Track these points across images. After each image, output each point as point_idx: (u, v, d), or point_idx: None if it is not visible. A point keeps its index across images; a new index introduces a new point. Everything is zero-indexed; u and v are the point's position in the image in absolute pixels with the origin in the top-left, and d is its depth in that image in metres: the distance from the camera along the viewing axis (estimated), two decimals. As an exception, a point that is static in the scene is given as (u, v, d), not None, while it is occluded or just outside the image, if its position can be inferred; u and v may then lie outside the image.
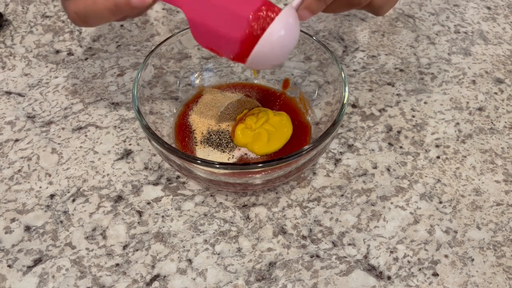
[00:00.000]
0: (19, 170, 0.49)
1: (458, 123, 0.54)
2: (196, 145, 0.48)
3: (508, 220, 0.46)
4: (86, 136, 0.52)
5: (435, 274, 0.43)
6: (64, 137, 0.52)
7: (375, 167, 0.50)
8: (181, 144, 0.48)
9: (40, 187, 0.48)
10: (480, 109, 0.55)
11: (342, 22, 0.65)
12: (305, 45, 0.50)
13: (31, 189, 0.48)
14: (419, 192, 0.48)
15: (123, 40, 0.62)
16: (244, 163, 0.46)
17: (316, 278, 0.42)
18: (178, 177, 0.49)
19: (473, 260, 0.44)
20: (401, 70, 0.59)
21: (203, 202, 0.47)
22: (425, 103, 0.56)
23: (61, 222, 0.46)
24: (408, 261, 0.43)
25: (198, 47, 0.53)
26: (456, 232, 0.45)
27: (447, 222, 0.46)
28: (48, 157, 0.50)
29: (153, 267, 0.43)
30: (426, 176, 0.49)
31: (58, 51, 0.61)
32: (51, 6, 0.67)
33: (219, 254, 0.44)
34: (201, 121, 0.50)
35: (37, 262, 0.43)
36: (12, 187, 0.48)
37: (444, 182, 0.49)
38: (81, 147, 0.51)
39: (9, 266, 0.43)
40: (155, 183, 0.48)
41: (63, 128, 0.53)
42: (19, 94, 0.56)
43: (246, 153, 0.48)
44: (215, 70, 0.54)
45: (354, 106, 0.55)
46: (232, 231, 0.45)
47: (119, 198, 0.47)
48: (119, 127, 0.53)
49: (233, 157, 0.47)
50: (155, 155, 0.50)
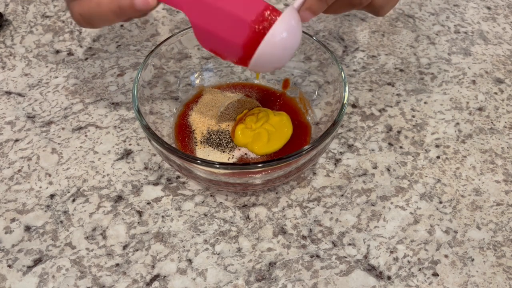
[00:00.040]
0: (19, 170, 0.49)
1: (458, 123, 0.54)
2: (196, 145, 0.48)
3: (508, 220, 0.46)
4: (86, 136, 0.52)
5: (435, 274, 0.43)
6: (64, 137, 0.52)
7: (375, 167, 0.50)
8: (181, 144, 0.48)
9: (40, 187, 0.48)
10: (480, 109, 0.55)
11: (342, 22, 0.65)
12: (305, 45, 0.50)
13: (31, 189, 0.48)
14: (419, 192, 0.48)
15: (123, 40, 0.62)
16: (244, 163, 0.46)
17: (316, 278, 0.42)
18: (178, 177, 0.49)
19: (473, 260, 0.44)
20: (401, 70, 0.59)
21: (203, 202, 0.47)
22: (425, 103, 0.56)
23: (61, 222, 0.46)
24: (408, 261, 0.43)
25: (198, 47, 0.53)
26: (456, 232, 0.45)
27: (447, 222, 0.46)
28: (48, 157, 0.50)
29: (153, 267, 0.43)
30: (426, 176, 0.49)
31: (58, 51, 0.61)
32: (51, 6, 0.67)
33: (219, 254, 0.44)
34: (201, 121, 0.50)
35: (37, 262, 0.43)
36: (12, 187, 0.48)
37: (444, 182, 0.49)
38: (81, 147, 0.51)
39: (9, 266, 0.43)
40: (155, 183, 0.48)
41: (63, 128, 0.53)
42: (19, 94, 0.56)
43: (246, 153, 0.48)
44: (215, 70, 0.54)
45: (354, 106, 0.55)
46: (232, 231, 0.45)
47: (119, 198, 0.47)
48: (119, 127, 0.53)
49: (233, 157, 0.47)
50: (155, 155, 0.50)
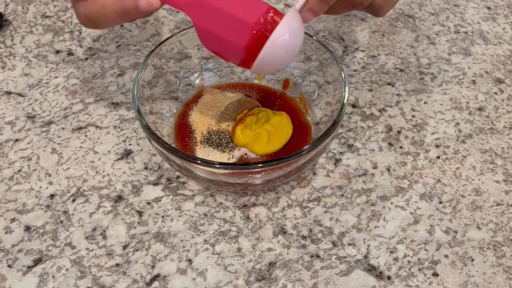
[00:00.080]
0: (19, 170, 0.49)
1: (458, 123, 0.54)
2: (196, 145, 0.48)
3: (508, 220, 0.46)
4: (86, 136, 0.52)
5: (435, 274, 0.43)
6: (64, 137, 0.52)
7: (375, 167, 0.50)
8: (181, 144, 0.48)
9: (40, 187, 0.48)
10: (480, 109, 0.55)
11: (342, 22, 0.65)
12: (305, 45, 0.50)
13: (31, 189, 0.48)
14: (419, 192, 0.48)
15: (123, 40, 0.62)
16: (244, 163, 0.46)
17: (316, 278, 0.42)
18: (178, 177, 0.49)
19: (473, 260, 0.44)
20: (401, 70, 0.59)
21: (203, 202, 0.47)
22: (425, 103, 0.56)
23: (61, 222, 0.46)
24: (408, 261, 0.43)
25: (198, 47, 0.53)
26: (456, 232, 0.45)
27: (447, 222, 0.46)
28: (48, 157, 0.50)
29: (153, 267, 0.43)
30: (426, 176, 0.49)
31: (58, 51, 0.61)
32: (51, 6, 0.67)
33: (219, 254, 0.44)
34: (201, 121, 0.50)
35: (37, 262, 0.43)
36: (12, 187, 0.48)
37: (444, 182, 0.49)
38: (81, 147, 0.51)
39: (9, 266, 0.43)
40: (155, 183, 0.48)
41: (63, 128, 0.53)
42: (19, 94, 0.56)
43: (246, 153, 0.48)
44: (215, 70, 0.54)
45: (354, 106, 0.55)
46: (232, 231, 0.45)
47: (119, 198, 0.47)
48: (119, 127, 0.53)
49: (233, 157, 0.47)
50: (155, 155, 0.50)
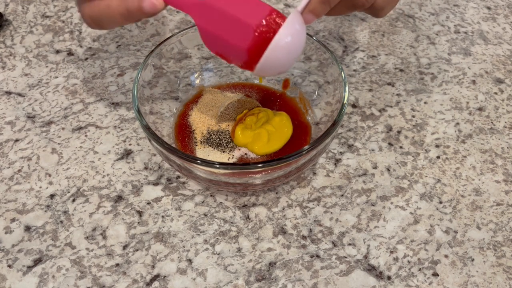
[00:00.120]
0: (19, 170, 0.49)
1: (458, 123, 0.54)
2: (196, 145, 0.48)
3: (508, 220, 0.46)
4: (86, 136, 0.52)
5: (435, 274, 0.43)
6: (64, 137, 0.52)
7: (375, 167, 0.50)
8: (181, 144, 0.48)
9: (40, 187, 0.48)
10: (480, 109, 0.55)
11: (342, 22, 0.65)
12: (305, 45, 0.50)
13: (31, 189, 0.48)
14: (419, 192, 0.48)
15: (123, 40, 0.62)
16: (244, 163, 0.46)
17: (316, 278, 0.42)
18: (178, 177, 0.49)
19: (473, 260, 0.44)
20: (401, 70, 0.59)
21: (203, 202, 0.47)
22: (425, 103, 0.56)
23: (61, 222, 0.46)
24: (408, 261, 0.43)
25: (198, 47, 0.53)
26: (456, 232, 0.45)
27: (447, 222, 0.46)
28: (48, 157, 0.50)
29: (153, 267, 0.43)
30: (426, 176, 0.49)
31: (58, 51, 0.61)
32: (51, 6, 0.67)
33: (219, 254, 0.44)
34: (201, 121, 0.50)
35: (37, 262, 0.43)
36: (12, 187, 0.48)
37: (444, 182, 0.49)
38: (81, 147, 0.51)
39: (9, 266, 0.43)
40: (155, 183, 0.48)
41: (63, 128, 0.53)
42: (19, 94, 0.56)
43: (246, 153, 0.48)
44: (215, 70, 0.54)
45: (354, 106, 0.55)
46: (232, 231, 0.45)
47: (119, 198, 0.47)
48: (119, 127, 0.53)
49: (233, 157, 0.47)
50: (155, 155, 0.50)
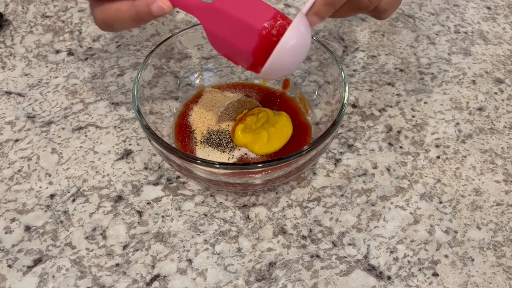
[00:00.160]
0: (19, 170, 0.49)
1: (458, 123, 0.54)
2: (196, 145, 0.48)
3: (508, 220, 0.46)
4: (86, 136, 0.52)
5: (435, 274, 0.43)
6: (64, 137, 0.52)
7: (375, 167, 0.50)
8: (181, 144, 0.48)
9: (40, 187, 0.48)
10: (480, 109, 0.55)
11: (342, 22, 0.65)
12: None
13: (31, 189, 0.48)
14: (419, 192, 0.48)
15: (123, 40, 0.62)
16: (244, 163, 0.46)
17: (316, 278, 0.42)
18: (178, 177, 0.49)
19: (473, 260, 0.44)
20: (401, 70, 0.59)
21: (203, 202, 0.47)
22: (425, 103, 0.56)
23: (61, 222, 0.46)
24: (408, 261, 0.43)
25: (198, 47, 0.53)
26: (456, 232, 0.45)
27: (447, 222, 0.46)
28: (48, 157, 0.50)
29: (153, 267, 0.43)
30: (426, 176, 0.49)
31: (58, 51, 0.61)
32: (51, 6, 0.67)
33: (219, 254, 0.44)
34: (201, 121, 0.50)
35: (37, 262, 0.43)
36: (12, 187, 0.48)
37: (444, 182, 0.49)
38: (81, 147, 0.51)
39: (9, 266, 0.43)
40: (155, 183, 0.48)
41: (63, 128, 0.53)
42: (19, 94, 0.56)
43: (246, 153, 0.48)
44: (215, 70, 0.54)
45: (354, 106, 0.55)
46: (232, 231, 0.45)
47: (119, 198, 0.47)
48: (119, 127, 0.53)
49: (233, 157, 0.47)
50: (155, 155, 0.50)
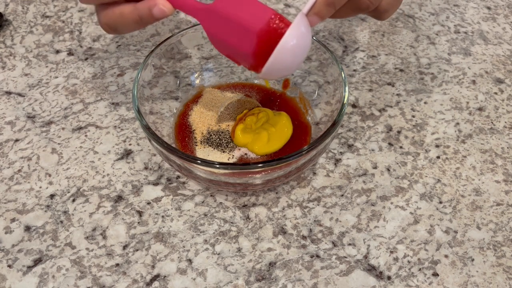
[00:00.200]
0: (19, 170, 0.49)
1: (458, 123, 0.54)
2: (196, 145, 0.48)
3: (508, 220, 0.46)
4: (86, 136, 0.52)
5: (435, 274, 0.43)
6: (64, 137, 0.52)
7: (375, 167, 0.50)
8: (181, 144, 0.48)
9: (40, 187, 0.48)
10: (480, 109, 0.55)
11: (342, 22, 0.65)
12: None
13: (31, 189, 0.48)
14: (419, 192, 0.48)
15: (123, 40, 0.62)
16: (244, 163, 0.46)
17: (316, 278, 0.42)
18: (178, 177, 0.49)
19: (473, 260, 0.44)
20: (401, 70, 0.59)
21: (203, 202, 0.47)
22: (425, 103, 0.56)
23: (61, 222, 0.46)
24: (408, 261, 0.43)
25: (198, 47, 0.53)
26: (456, 232, 0.45)
27: (447, 222, 0.46)
28: (48, 157, 0.50)
29: (153, 267, 0.43)
30: (426, 176, 0.49)
31: (58, 51, 0.61)
32: (51, 6, 0.67)
33: (219, 254, 0.44)
34: (201, 121, 0.50)
35: (37, 262, 0.43)
36: (12, 187, 0.48)
37: (444, 182, 0.49)
38: (81, 147, 0.51)
39: (9, 266, 0.43)
40: (155, 183, 0.48)
41: (63, 128, 0.53)
42: (19, 94, 0.56)
43: (246, 153, 0.48)
44: (215, 70, 0.54)
45: (354, 106, 0.55)
46: (232, 231, 0.45)
47: (119, 198, 0.47)
48: (119, 127, 0.53)
49: (233, 157, 0.47)
50: (155, 155, 0.50)
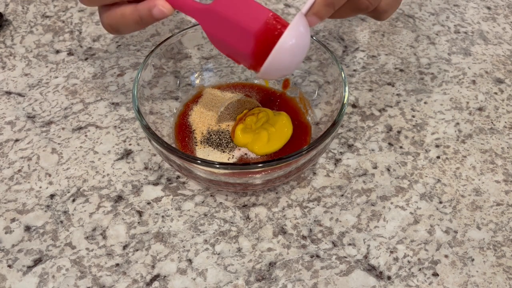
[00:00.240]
0: (19, 170, 0.49)
1: (458, 123, 0.54)
2: (196, 145, 0.48)
3: (508, 220, 0.46)
4: (86, 136, 0.52)
5: (435, 274, 0.43)
6: (64, 137, 0.52)
7: (375, 167, 0.50)
8: (181, 144, 0.48)
9: (40, 187, 0.48)
10: (480, 109, 0.55)
11: (342, 22, 0.65)
12: (305, 45, 0.50)
13: (31, 189, 0.48)
14: (419, 192, 0.48)
15: (123, 40, 0.62)
16: (244, 163, 0.46)
17: (316, 278, 0.42)
18: (178, 177, 0.49)
19: (473, 260, 0.44)
20: (401, 70, 0.59)
21: (203, 202, 0.47)
22: (425, 103, 0.56)
23: (61, 222, 0.46)
24: (408, 261, 0.43)
25: (198, 47, 0.53)
26: (456, 232, 0.45)
27: (447, 222, 0.46)
28: (48, 157, 0.50)
29: (153, 267, 0.43)
30: (426, 176, 0.49)
31: (58, 51, 0.61)
32: (51, 6, 0.67)
33: (219, 254, 0.44)
34: (201, 121, 0.50)
35: (37, 262, 0.43)
36: (12, 187, 0.48)
37: (444, 182, 0.49)
38: (81, 147, 0.51)
39: (9, 266, 0.43)
40: (155, 183, 0.48)
41: (63, 128, 0.53)
42: (19, 94, 0.56)
43: (246, 153, 0.48)
44: (215, 70, 0.54)
45: (354, 106, 0.55)
46: (232, 231, 0.45)
47: (119, 198, 0.47)
48: (119, 127, 0.53)
49: (233, 157, 0.47)
50: (155, 155, 0.50)
